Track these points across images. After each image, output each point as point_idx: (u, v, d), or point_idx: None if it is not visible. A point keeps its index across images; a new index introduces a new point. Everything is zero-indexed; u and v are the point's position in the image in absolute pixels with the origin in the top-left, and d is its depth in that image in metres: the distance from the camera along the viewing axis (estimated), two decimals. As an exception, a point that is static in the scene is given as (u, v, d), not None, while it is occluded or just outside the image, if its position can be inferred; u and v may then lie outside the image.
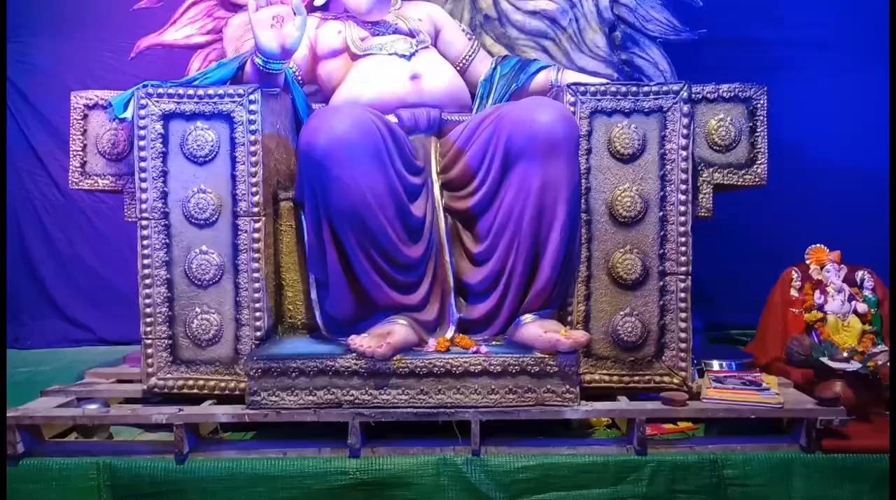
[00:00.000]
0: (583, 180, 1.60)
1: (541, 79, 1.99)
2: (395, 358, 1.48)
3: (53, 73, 2.52)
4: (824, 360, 1.60)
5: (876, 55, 2.46)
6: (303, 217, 1.64)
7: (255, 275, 1.61)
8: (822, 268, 1.82)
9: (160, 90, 1.61)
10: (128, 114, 1.62)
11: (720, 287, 2.26)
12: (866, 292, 1.78)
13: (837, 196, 2.42)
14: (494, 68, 2.02)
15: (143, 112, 1.60)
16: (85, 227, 2.45)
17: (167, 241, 1.61)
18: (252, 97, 1.60)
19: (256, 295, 1.61)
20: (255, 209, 1.61)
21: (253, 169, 1.61)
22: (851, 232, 2.16)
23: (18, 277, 2.49)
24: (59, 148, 2.41)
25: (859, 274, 1.81)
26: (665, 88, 1.61)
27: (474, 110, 1.97)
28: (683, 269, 1.60)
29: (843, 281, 1.79)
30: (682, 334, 1.60)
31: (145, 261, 1.61)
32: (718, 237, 2.10)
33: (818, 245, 1.84)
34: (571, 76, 1.97)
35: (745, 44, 2.49)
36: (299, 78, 1.88)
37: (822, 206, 2.39)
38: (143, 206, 1.61)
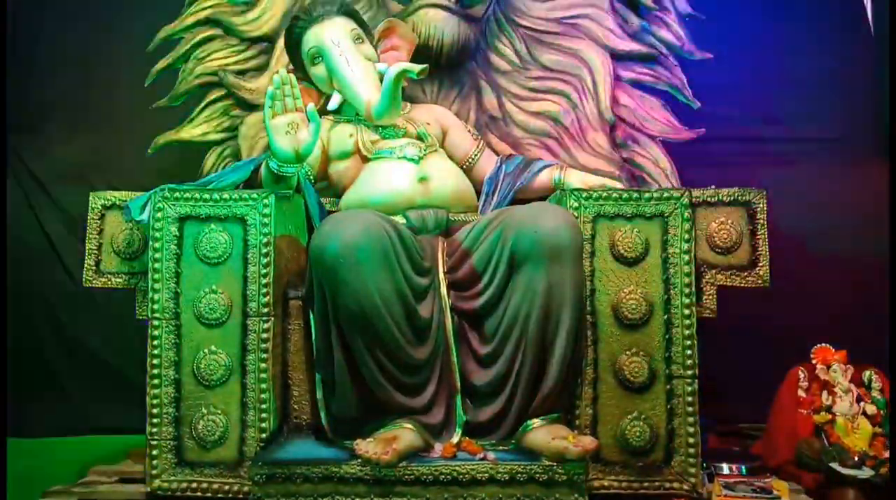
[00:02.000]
0: (587, 282, 1.62)
1: (544, 177, 2.04)
2: (400, 465, 1.47)
3: (72, 164, 2.59)
4: (835, 466, 1.58)
5: (869, 149, 2.53)
6: (311, 316, 1.66)
7: (263, 376, 1.61)
8: (828, 368, 1.81)
9: (177, 194, 1.65)
10: (144, 216, 1.66)
11: (729, 383, 2.24)
12: (875, 393, 1.77)
13: (839, 286, 2.43)
14: (499, 167, 2.08)
15: (159, 215, 1.65)
16: (97, 317, 2.47)
17: (177, 341, 1.62)
18: (266, 201, 1.65)
19: (263, 396, 1.61)
20: (265, 310, 1.63)
21: (264, 270, 1.64)
22: (855, 325, 2.17)
23: (27, 364, 2.48)
24: (75, 237, 2.44)
25: (866, 374, 1.80)
26: (666, 194, 1.65)
27: (480, 207, 2.02)
28: (690, 372, 1.60)
29: (851, 381, 1.78)
30: (691, 440, 1.58)
31: (154, 361, 1.62)
32: (724, 333, 2.10)
33: (823, 344, 1.84)
34: (574, 174, 2.03)
35: (744, 140, 2.55)
36: (311, 177, 1.94)
37: (825, 299, 2.40)
38: (155, 306, 1.63)
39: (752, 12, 2.56)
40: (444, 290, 1.66)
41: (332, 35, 1.92)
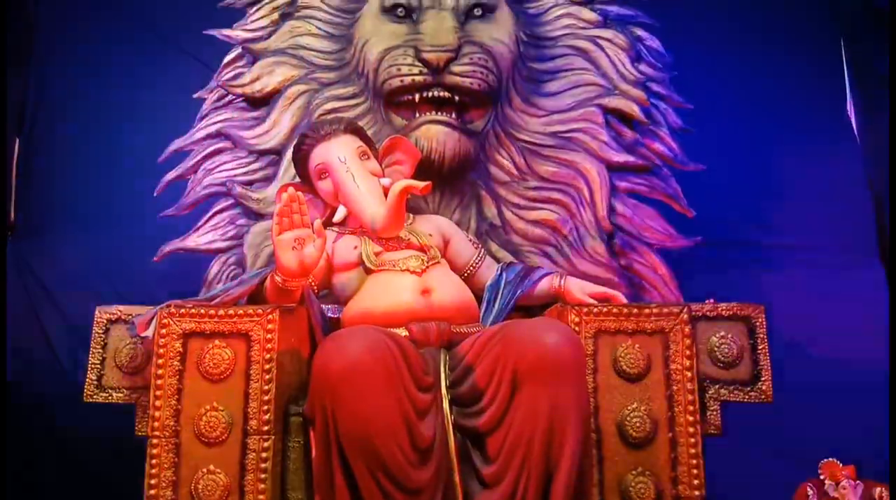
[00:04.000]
0: (591, 399, 1.62)
1: (544, 285, 2.07)
2: None
3: (77, 269, 2.62)
4: None
5: (866, 254, 2.58)
6: (311, 433, 1.64)
7: (261, 497, 1.58)
8: (837, 484, 1.78)
9: (182, 310, 1.67)
10: (149, 332, 1.67)
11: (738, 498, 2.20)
12: (886, 512, 1.73)
13: (842, 395, 2.42)
14: (500, 274, 2.10)
15: (164, 331, 1.66)
16: (96, 428, 2.42)
17: (176, 460, 1.60)
18: (270, 317, 1.66)
19: (261, 519, 1.57)
20: (266, 428, 1.61)
21: (266, 386, 1.63)
22: (861, 436, 2.15)
23: (17, 474, 2.42)
24: (77, 342, 2.44)
25: (877, 491, 1.77)
26: (666, 310, 1.67)
27: (481, 315, 2.03)
28: (698, 493, 1.57)
29: (861, 499, 1.75)
30: (701, 566, 1.54)
31: (152, 481, 1.59)
32: (730, 448, 2.08)
33: (831, 459, 1.81)
34: (574, 282, 2.05)
35: (740, 245, 2.61)
36: (315, 288, 1.96)
37: (829, 408, 2.38)
38: (156, 424, 1.62)
39: (742, 125, 2.68)
40: (446, 406, 1.65)
41: (338, 152, 1.99)
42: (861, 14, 2.76)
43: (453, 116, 2.21)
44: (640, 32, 2.39)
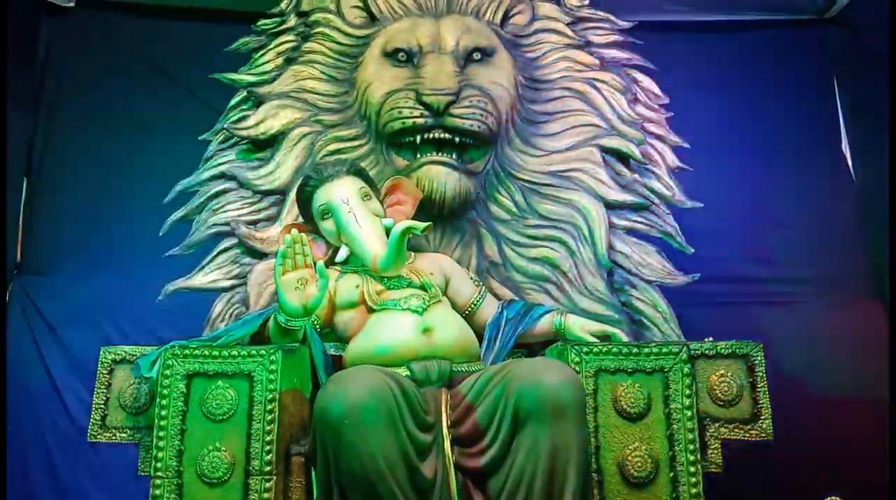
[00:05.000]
0: (592, 439, 1.63)
1: (545, 322, 2.09)
2: None
3: (82, 307, 2.64)
4: None
5: (864, 290, 2.60)
6: (313, 473, 1.64)
7: (264, 538, 1.58)
8: (841, 523, 1.77)
9: (186, 351, 1.69)
10: (153, 372, 1.69)
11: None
12: (890, 552, 1.72)
13: (842, 431, 2.41)
14: (501, 312, 2.13)
15: (167, 372, 1.68)
16: (94, 463, 2.43)
17: (178, 501, 1.61)
18: (273, 357, 1.68)
19: (263, 562, 1.57)
20: (268, 468, 1.62)
21: (269, 427, 1.65)
22: (863, 472, 2.13)
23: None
24: (80, 381, 2.46)
25: (880, 530, 1.76)
26: (665, 350, 1.69)
27: (482, 353, 2.05)
28: (699, 534, 1.57)
29: (866, 538, 1.74)
30: None
31: (154, 523, 1.60)
32: (732, 487, 2.07)
33: (834, 497, 1.81)
34: (574, 320, 2.07)
35: (738, 281, 2.63)
36: (317, 327, 1.98)
37: (830, 444, 2.37)
38: (158, 465, 1.63)
39: (739, 162, 2.72)
40: (447, 446, 1.66)
41: (341, 194, 2.03)
42: (850, 52, 2.83)
43: (454, 156, 2.25)
44: (636, 75, 2.45)
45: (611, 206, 2.32)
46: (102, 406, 1.81)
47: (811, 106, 2.87)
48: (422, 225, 1.86)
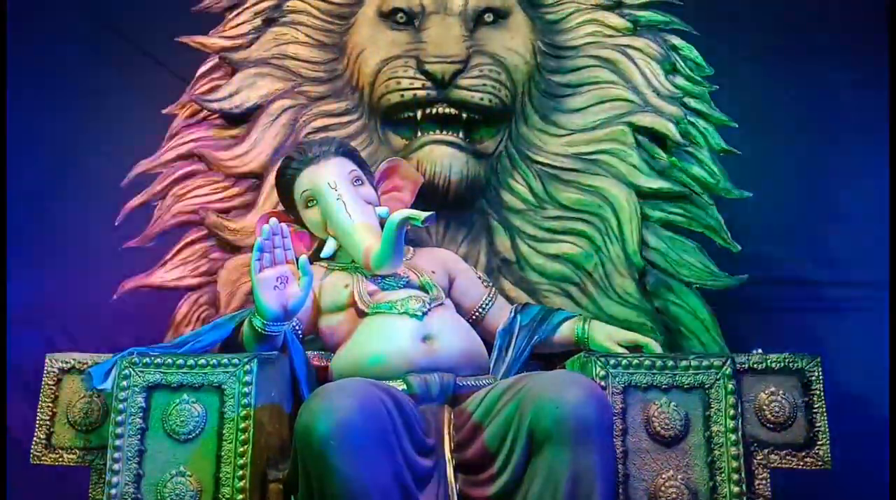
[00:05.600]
0: (620, 466, 1.63)
1: (566, 330, 2.10)
2: None
3: (25, 306, 2.66)
4: None
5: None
6: (294, 504, 1.65)
7: (235, 580, 1.59)
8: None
9: (146, 360, 1.70)
10: (108, 384, 1.70)
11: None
12: None
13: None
14: (514, 317, 2.14)
15: (124, 383, 1.69)
16: (44, 494, 2.44)
17: (136, 535, 1.62)
18: (247, 368, 1.69)
19: None
20: (241, 497, 1.63)
21: (241, 448, 1.66)
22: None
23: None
24: (25, 401, 2.45)
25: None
26: (706, 363, 1.69)
27: (492, 365, 2.05)
28: (744, 578, 1.58)
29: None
30: None
31: (108, 559, 1.61)
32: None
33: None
34: (599, 327, 2.09)
35: (792, 284, 2.63)
36: (299, 332, 1.99)
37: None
38: (113, 491, 1.64)
39: (794, 146, 2.71)
40: (450, 473, 1.67)
41: (328, 178, 2.04)
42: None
43: (460, 135, 2.26)
44: (675, 41, 2.44)
45: (644, 195, 2.32)
46: (48, 423, 1.82)
47: (884, 79, 2.85)
48: (422, 214, 1.87)
